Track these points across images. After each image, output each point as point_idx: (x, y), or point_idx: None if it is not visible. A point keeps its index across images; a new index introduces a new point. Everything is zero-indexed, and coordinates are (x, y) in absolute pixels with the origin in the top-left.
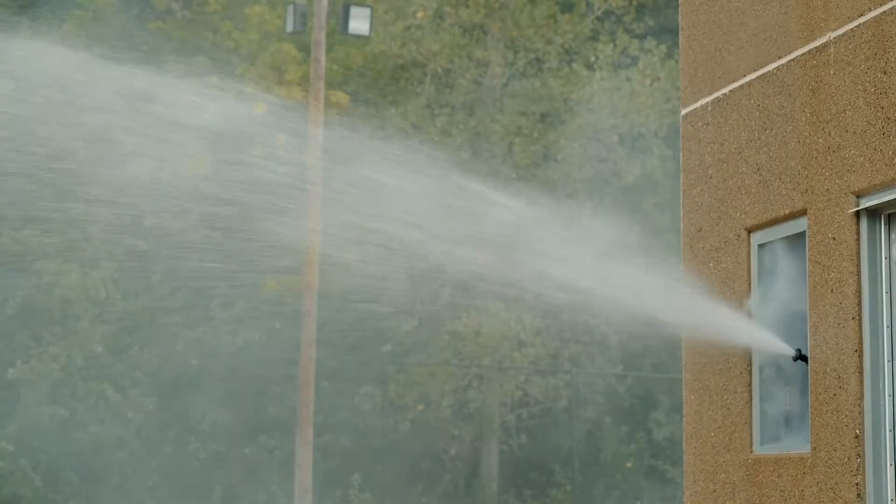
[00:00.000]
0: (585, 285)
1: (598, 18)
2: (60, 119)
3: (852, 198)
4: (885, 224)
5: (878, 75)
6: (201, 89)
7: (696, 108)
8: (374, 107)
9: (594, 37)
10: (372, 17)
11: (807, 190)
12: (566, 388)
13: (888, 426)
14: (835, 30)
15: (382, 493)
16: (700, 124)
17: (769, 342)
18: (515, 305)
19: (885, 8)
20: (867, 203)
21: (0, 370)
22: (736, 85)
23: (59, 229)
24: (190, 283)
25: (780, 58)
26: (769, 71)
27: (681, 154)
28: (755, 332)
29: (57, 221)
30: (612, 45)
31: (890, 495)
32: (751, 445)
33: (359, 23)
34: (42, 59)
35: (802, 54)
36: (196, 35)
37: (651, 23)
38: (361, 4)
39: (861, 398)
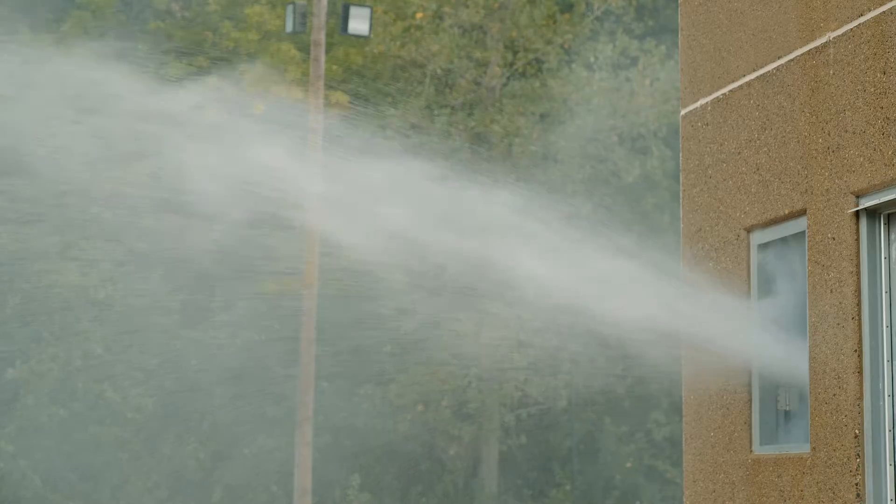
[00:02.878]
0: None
1: (597, 19)
2: (60, 118)
3: (852, 198)
4: (884, 224)
5: (878, 75)
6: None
7: (696, 108)
8: (373, 107)
9: (594, 37)
10: (371, 17)
11: (806, 190)
12: (565, 388)
13: (887, 426)
14: (834, 30)
15: (382, 493)
16: (700, 124)
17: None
18: (516, 305)
19: (884, 8)
20: (866, 203)
21: None
22: (735, 85)
23: (59, 230)
24: (190, 284)
25: (779, 58)
26: (769, 71)
27: (680, 154)
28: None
29: (56, 221)
30: (611, 45)
31: (889, 495)
32: (750, 445)
33: (358, 23)
34: (42, 61)
35: (802, 54)
36: (196, 35)
37: (650, 23)
38: (361, 5)
39: (860, 398)
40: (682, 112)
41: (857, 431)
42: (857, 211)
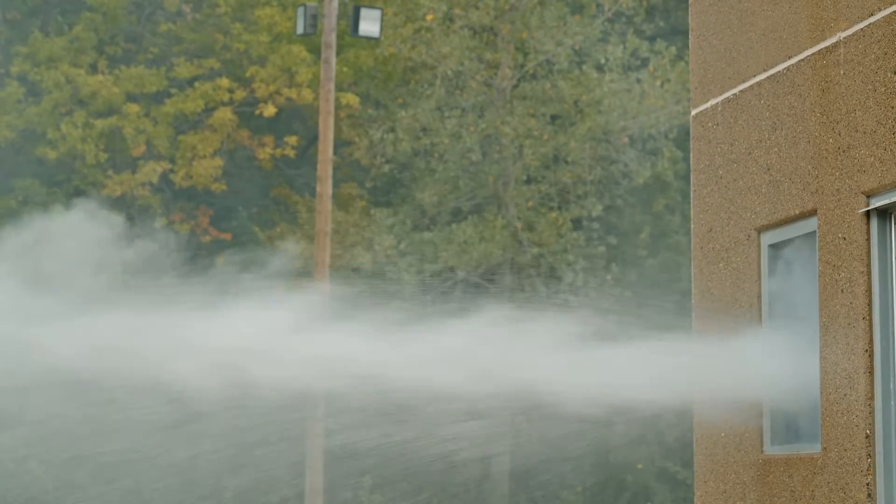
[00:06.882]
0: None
1: (608, 20)
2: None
3: (862, 198)
4: (895, 224)
5: (889, 75)
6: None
7: (707, 108)
8: (384, 109)
9: (604, 38)
10: (382, 19)
11: (817, 190)
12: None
13: None
14: (845, 29)
15: (393, 495)
16: (710, 125)
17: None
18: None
19: (895, 7)
20: (877, 203)
21: None
22: (746, 85)
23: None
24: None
25: (790, 58)
26: (779, 71)
27: (691, 155)
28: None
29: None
30: (622, 46)
31: None
32: (761, 445)
33: (369, 25)
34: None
35: (812, 54)
36: (206, 37)
37: (661, 24)
38: (371, 6)
39: (871, 398)
40: (693, 113)
41: (868, 431)
42: (868, 211)
